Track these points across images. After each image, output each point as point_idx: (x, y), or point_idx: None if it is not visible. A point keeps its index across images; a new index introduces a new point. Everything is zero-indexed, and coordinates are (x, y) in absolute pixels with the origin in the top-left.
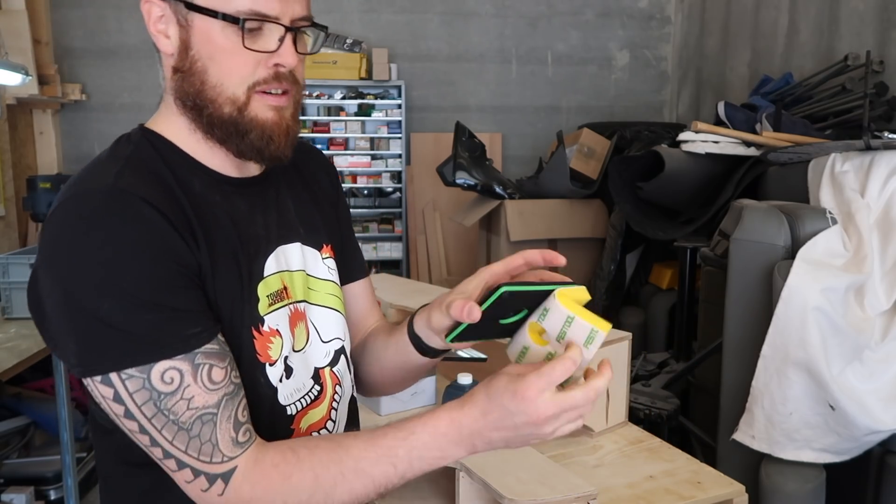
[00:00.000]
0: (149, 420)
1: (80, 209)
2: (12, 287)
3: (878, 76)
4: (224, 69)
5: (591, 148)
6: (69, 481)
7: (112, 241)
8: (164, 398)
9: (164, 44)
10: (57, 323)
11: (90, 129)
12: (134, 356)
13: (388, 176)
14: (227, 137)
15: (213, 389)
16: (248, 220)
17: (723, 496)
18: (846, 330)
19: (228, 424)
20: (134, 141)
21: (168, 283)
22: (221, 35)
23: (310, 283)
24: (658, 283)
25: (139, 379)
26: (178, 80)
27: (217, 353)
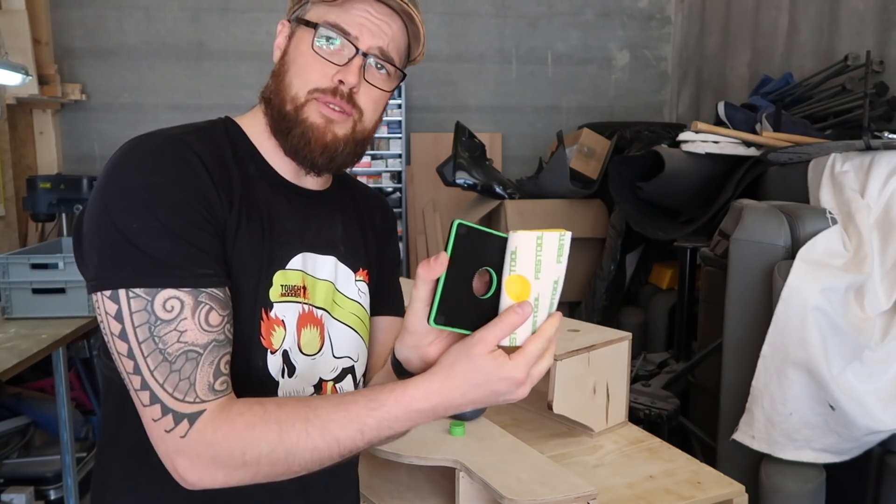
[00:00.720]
0: (139, 344)
1: (141, 145)
2: (12, 287)
3: (878, 76)
4: (297, 71)
5: (591, 148)
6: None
7: (157, 172)
8: (160, 325)
9: (276, 55)
10: (89, 237)
11: (90, 129)
12: (146, 276)
13: (388, 176)
14: (279, 131)
15: (207, 331)
16: (286, 218)
17: (723, 496)
18: (846, 330)
19: (210, 369)
20: (213, 122)
21: (194, 222)
22: (305, 42)
23: (336, 297)
24: (658, 283)
25: (143, 300)
26: (270, 80)
27: (220, 299)
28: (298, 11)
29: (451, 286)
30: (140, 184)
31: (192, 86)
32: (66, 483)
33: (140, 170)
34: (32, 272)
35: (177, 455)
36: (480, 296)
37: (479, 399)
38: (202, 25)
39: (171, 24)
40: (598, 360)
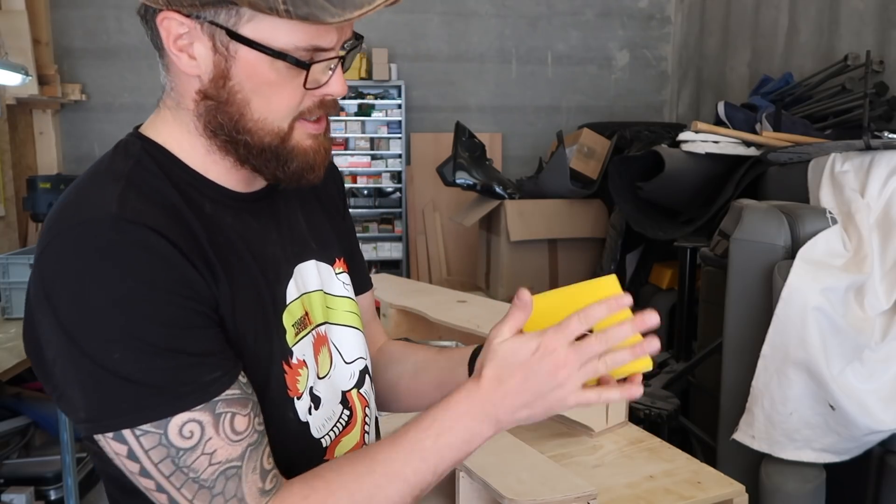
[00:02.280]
0: (167, 478)
1: (81, 243)
2: (12, 287)
3: (878, 76)
4: (271, 103)
5: (591, 148)
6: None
7: (121, 279)
8: (184, 454)
9: (187, 64)
10: (61, 371)
11: (90, 129)
12: (149, 410)
13: (388, 176)
14: (265, 166)
15: (237, 441)
16: (263, 240)
17: (723, 496)
18: (846, 330)
19: (255, 476)
20: (133, 154)
21: (184, 325)
22: (270, 69)
23: (328, 301)
24: (658, 283)
25: (155, 435)
26: (210, 109)
27: (239, 398)
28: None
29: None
30: (101, 302)
31: None
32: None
33: (93, 284)
34: None
35: None
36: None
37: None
38: None
39: None
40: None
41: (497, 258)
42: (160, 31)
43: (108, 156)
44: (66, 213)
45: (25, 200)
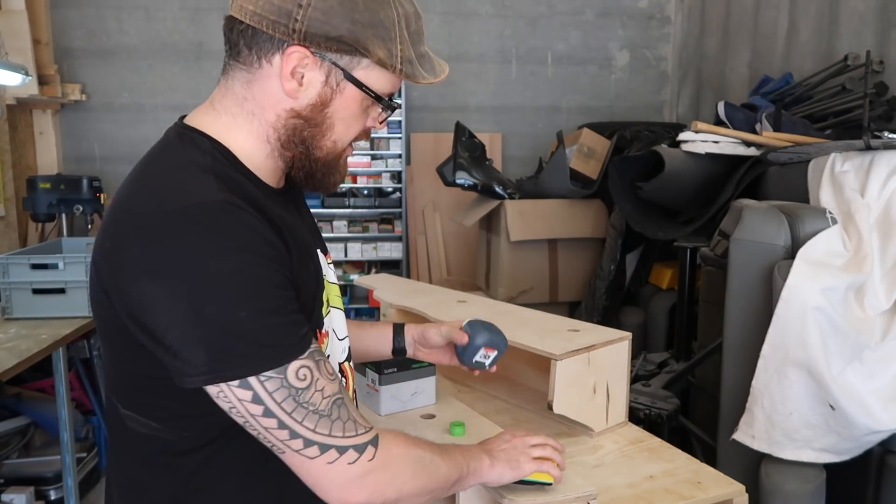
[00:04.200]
0: (289, 414)
1: (198, 223)
2: (12, 287)
3: (878, 76)
4: (348, 130)
5: (591, 148)
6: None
7: (236, 252)
8: (302, 392)
9: (292, 89)
10: (179, 336)
11: (90, 129)
12: (270, 360)
13: (388, 176)
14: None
15: (333, 378)
16: (300, 229)
17: (723, 496)
18: (846, 330)
19: (352, 404)
20: (208, 151)
21: (285, 289)
22: (359, 105)
23: (330, 288)
24: (658, 283)
25: (277, 379)
26: (298, 125)
27: (319, 349)
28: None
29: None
30: (228, 269)
31: (192, 86)
32: (66, 483)
33: (220, 255)
34: (32, 272)
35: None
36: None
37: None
38: (202, 25)
39: (171, 24)
40: (598, 360)
41: (497, 258)
42: (281, 57)
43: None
44: (167, 200)
45: (25, 200)
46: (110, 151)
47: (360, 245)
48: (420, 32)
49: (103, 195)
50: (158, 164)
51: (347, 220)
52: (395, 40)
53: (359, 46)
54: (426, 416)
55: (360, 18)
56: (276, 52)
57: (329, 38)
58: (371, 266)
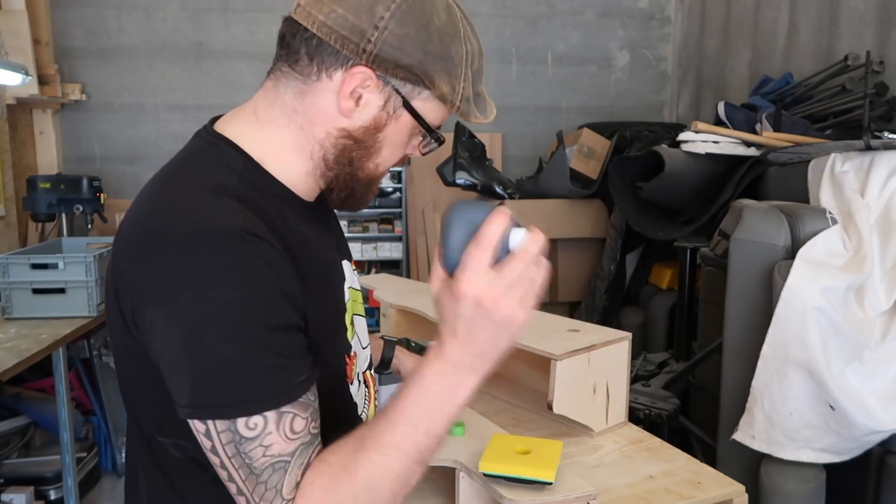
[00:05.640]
0: (229, 459)
1: (208, 249)
2: (12, 287)
3: (878, 76)
4: (392, 156)
5: (591, 148)
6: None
7: (244, 284)
8: (245, 442)
9: (348, 108)
10: (172, 359)
11: (90, 129)
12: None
13: (388, 176)
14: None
15: (292, 440)
16: (326, 246)
17: (723, 496)
18: (846, 330)
19: (298, 471)
20: (236, 170)
21: (286, 327)
22: (409, 132)
23: (354, 296)
24: (658, 283)
25: (225, 422)
26: (348, 146)
27: (303, 403)
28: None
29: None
30: (225, 300)
31: (192, 86)
32: (66, 483)
33: (223, 280)
34: (32, 272)
35: None
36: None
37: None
38: (202, 25)
39: (171, 24)
40: (598, 360)
41: None
42: (343, 74)
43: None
44: (180, 222)
45: (25, 200)
46: (110, 151)
47: (360, 245)
48: (481, 71)
49: (103, 195)
50: (179, 180)
51: (347, 220)
52: (460, 77)
53: (425, 78)
54: None
55: (432, 50)
56: (340, 69)
57: (399, 65)
58: (371, 266)
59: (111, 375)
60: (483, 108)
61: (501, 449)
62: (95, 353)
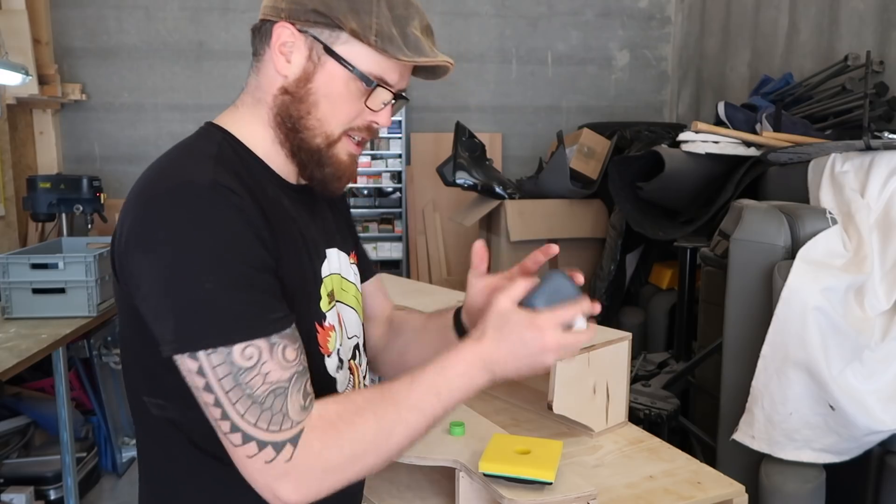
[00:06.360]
0: (225, 393)
1: (180, 200)
2: (12, 287)
3: (878, 76)
4: (334, 109)
5: (591, 148)
6: (69, 481)
7: (216, 228)
8: (243, 373)
9: (282, 65)
10: (156, 302)
11: (90, 129)
12: (224, 335)
13: (388, 176)
14: (308, 163)
15: (287, 367)
16: (307, 224)
17: (723, 496)
18: (846, 330)
19: (298, 395)
20: (216, 140)
21: (259, 267)
22: (344, 83)
23: (343, 285)
24: (658, 283)
25: (222, 353)
26: (286, 101)
27: (290, 336)
28: (325, 36)
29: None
30: (201, 241)
31: (192, 86)
32: (66, 483)
33: (196, 226)
34: (32, 272)
35: (282, 480)
36: None
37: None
38: (202, 25)
39: (171, 24)
40: (598, 360)
41: (497, 258)
42: (272, 36)
43: (191, 140)
44: (163, 179)
45: (25, 200)
46: (110, 151)
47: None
48: (408, 18)
49: (103, 195)
50: (170, 153)
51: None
52: (371, 14)
53: (332, 17)
54: None
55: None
56: (271, 35)
57: (307, 10)
58: None
59: (111, 375)
60: (417, 50)
61: (501, 449)
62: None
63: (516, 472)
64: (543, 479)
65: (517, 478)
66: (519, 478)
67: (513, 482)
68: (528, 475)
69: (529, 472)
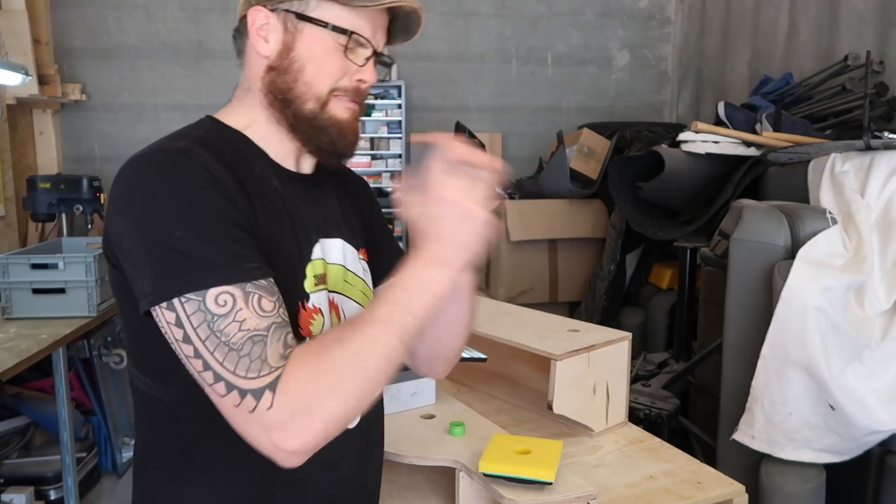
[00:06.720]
0: (202, 342)
1: (151, 163)
2: (12, 287)
3: (878, 76)
4: (319, 70)
5: (591, 148)
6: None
7: (182, 183)
8: (217, 320)
9: (262, 47)
10: (133, 260)
11: (90, 129)
12: (194, 280)
13: (388, 176)
14: (308, 132)
15: (264, 316)
16: (299, 206)
17: (723, 496)
18: (846, 330)
19: (278, 345)
20: (203, 126)
21: (230, 221)
22: (322, 43)
23: (347, 277)
24: (658, 283)
25: (196, 301)
26: (273, 76)
27: (267, 288)
28: (295, 6)
29: None
30: (170, 194)
31: (192, 86)
32: (66, 483)
33: (165, 181)
34: (32, 272)
35: (270, 430)
36: None
37: (434, 224)
38: (202, 25)
39: (171, 24)
40: (598, 360)
41: (497, 258)
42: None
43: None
44: (140, 152)
45: (25, 200)
46: (110, 151)
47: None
48: None
49: (103, 195)
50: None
51: None
52: None
53: None
54: (426, 416)
55: None
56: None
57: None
58: None
59: (111, 375)
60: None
61: (501, 449)
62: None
63: (516, 472)
64: (543, 479)
65: (517, 478)
66: (519, 478)
67: (513, 482)
68: (528, 475)
69: (529, 472)
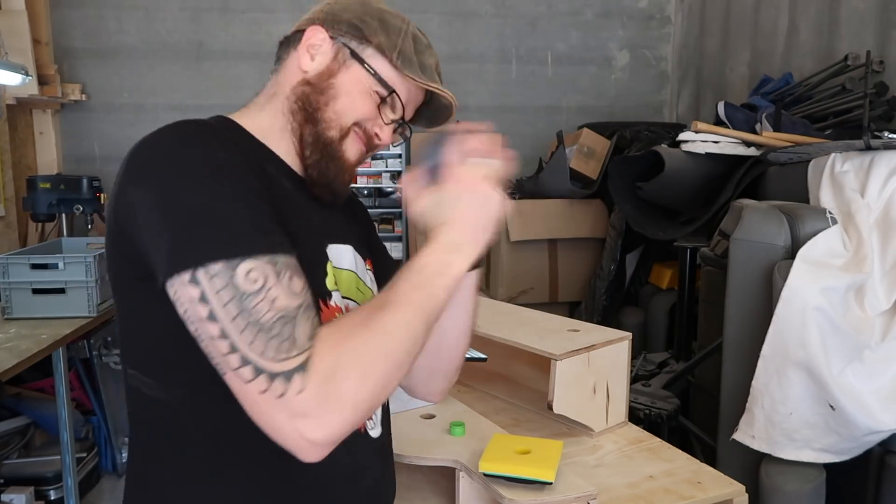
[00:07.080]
0: (231, 321)
1: (175, 133)
2: (12, 287)
3: (878, 76)
4: (351, 104)
5: (591, 148)
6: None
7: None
8: (248, 297)
9: (306, 62)
10: (152, 227)
11: (90, 129)
12: (225, 248)
13: (388, 176)
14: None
15: (295, 296)
16: (310, 209)
17: (723, 496)
18: (846, 330)
19: (307, 325)
20: (217, 121)
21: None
22: (363, 84)
23: (359, 285)
24: (658, 283)
25: (225, 276)
26: (306, 90)
27: (296, 267)
28: (354, 45)
29: None
30: (198, 159)
31: (192, 86)
32: (66, 483)
33: (189, 144)
34: (32, 272)
35: (297, 417)
36: None
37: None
38: (202, 25)
39: (171, 24)
40: (598, 360)
41: (497, 258)
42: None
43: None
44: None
45: (25, 200)
46: (110, 151)
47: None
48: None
49: (103, 195)
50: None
51: None
52: (398, 37)
53: (364, 31)
54: (426, 416)
55: (370, 12)
56: (301, 38)
57: (341, 21)
58: None
59: (111, 375)
60: (431, 79)
61: (501, 449)
62: (95, 353)
63: (516, 472)
64: (543, 479)
65: (517, 478)
66: (519, 478)
67: (513, 482)
68: (528, 475)
69: (529, 472)
